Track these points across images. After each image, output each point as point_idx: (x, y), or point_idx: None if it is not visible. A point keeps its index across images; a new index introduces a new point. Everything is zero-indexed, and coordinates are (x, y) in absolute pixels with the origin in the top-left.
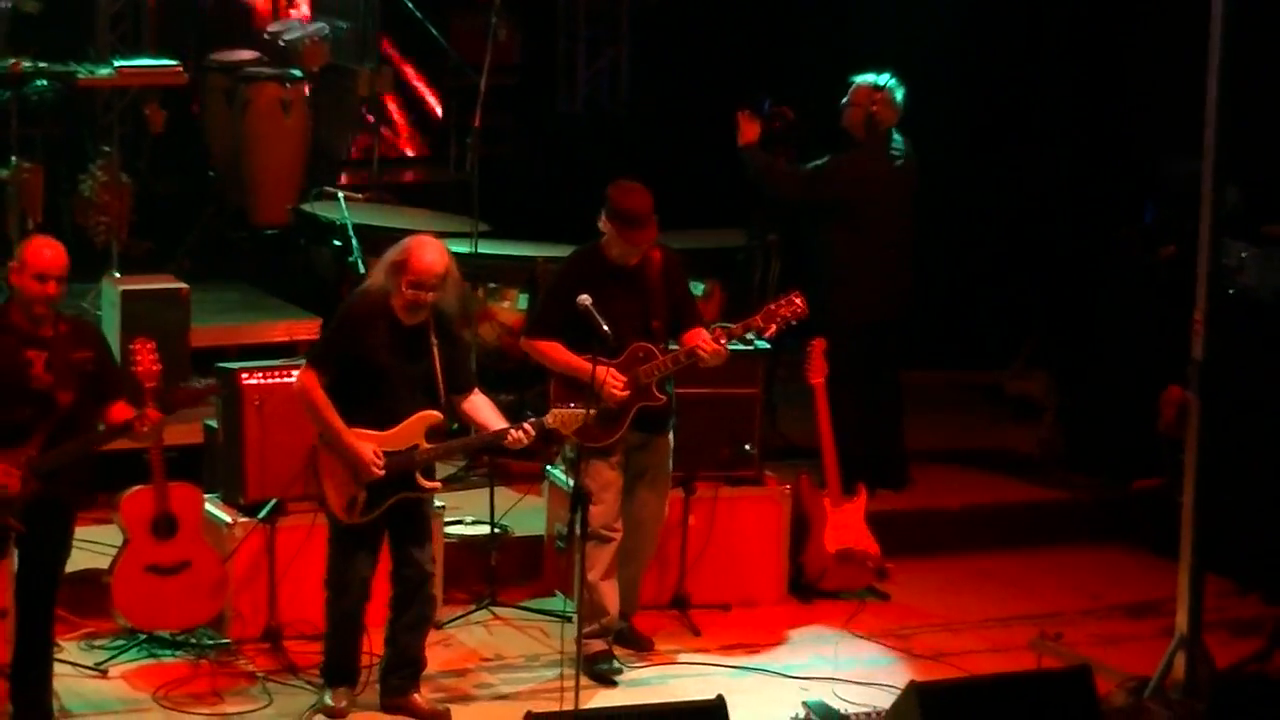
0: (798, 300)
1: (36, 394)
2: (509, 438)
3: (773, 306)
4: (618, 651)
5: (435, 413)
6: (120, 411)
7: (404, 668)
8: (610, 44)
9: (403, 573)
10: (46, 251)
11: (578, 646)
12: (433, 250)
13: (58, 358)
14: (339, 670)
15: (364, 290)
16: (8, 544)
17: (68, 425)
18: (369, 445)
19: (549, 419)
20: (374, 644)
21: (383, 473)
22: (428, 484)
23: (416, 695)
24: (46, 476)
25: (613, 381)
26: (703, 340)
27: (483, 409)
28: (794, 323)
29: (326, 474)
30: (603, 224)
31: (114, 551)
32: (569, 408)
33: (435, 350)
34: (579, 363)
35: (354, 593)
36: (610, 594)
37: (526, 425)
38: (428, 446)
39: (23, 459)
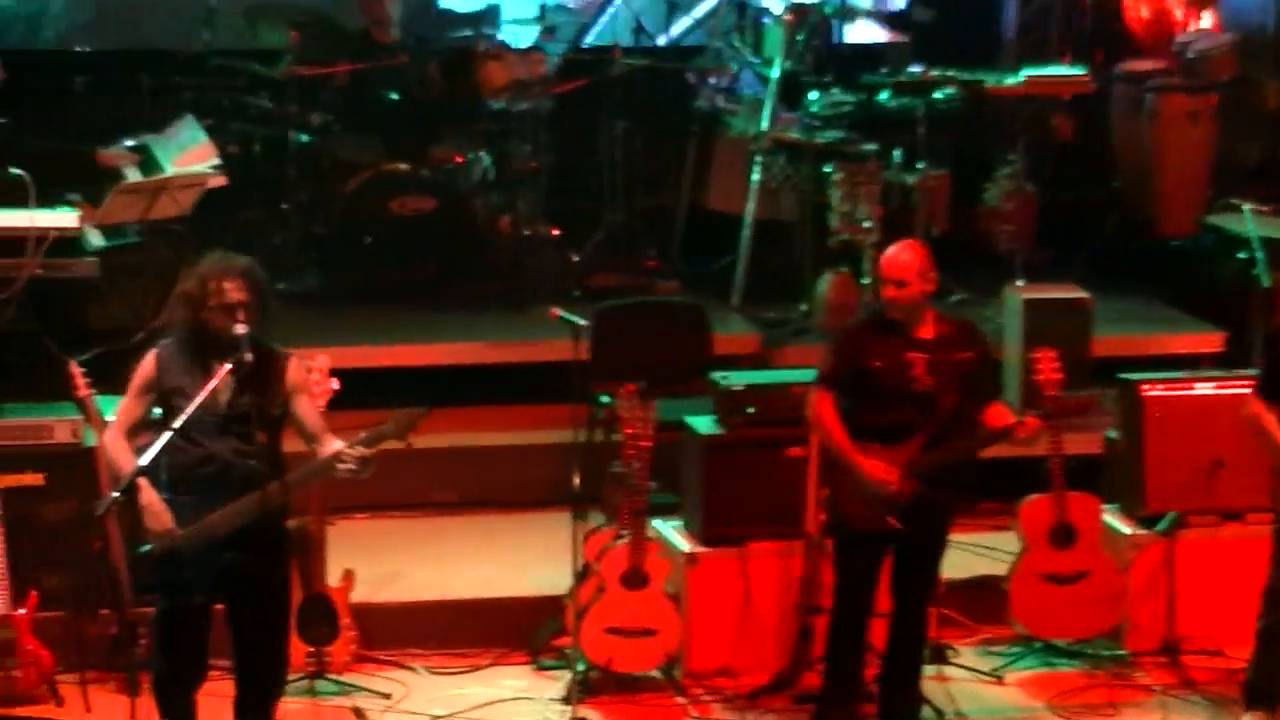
0: None
1: (918, 396)
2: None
3: None
4: None
5: None
6: (997, 414)
7: None
8: None
9: None
10: (895, 255)
11: None
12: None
13: (938, 360)
14: (1261, 690)
15: None
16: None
17: (948, 427)
18: None
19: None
20: None
21: None
22: None
23: None
24: (926, 478)
25: None
26: None
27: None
28: None
29: None
30: None
31: (1012, 558)
32: None
33: None
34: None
35: None
36: None
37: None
38: None
39: (903, 460)
